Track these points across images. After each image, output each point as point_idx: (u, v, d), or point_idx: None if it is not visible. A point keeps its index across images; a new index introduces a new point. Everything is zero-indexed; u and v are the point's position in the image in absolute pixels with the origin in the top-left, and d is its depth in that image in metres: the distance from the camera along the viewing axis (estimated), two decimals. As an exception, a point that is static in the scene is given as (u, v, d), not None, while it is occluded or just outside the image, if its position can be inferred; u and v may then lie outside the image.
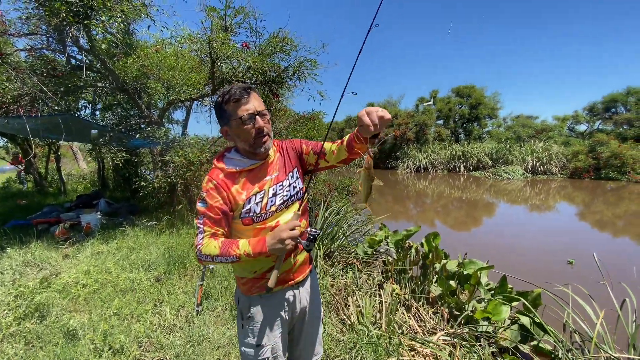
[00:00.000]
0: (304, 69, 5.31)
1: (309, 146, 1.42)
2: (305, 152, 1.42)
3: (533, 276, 3.39)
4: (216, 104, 1.27)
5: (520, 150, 20.05)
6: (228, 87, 1.23)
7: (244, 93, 1.20)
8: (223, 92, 1.23)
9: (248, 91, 1.22)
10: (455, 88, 26.91)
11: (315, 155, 1.39)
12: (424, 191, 15.21)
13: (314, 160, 1.40)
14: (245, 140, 1.24)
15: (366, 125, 1.07)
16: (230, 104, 1.21)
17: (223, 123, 1.27)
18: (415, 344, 2.56)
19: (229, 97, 1.21)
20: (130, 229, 5.28)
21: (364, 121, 1.07)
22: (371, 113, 1.08)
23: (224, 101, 1.22)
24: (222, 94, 1.23)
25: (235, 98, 1.20)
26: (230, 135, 1.28)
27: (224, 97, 1.22)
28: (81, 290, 3.24)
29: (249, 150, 1.27)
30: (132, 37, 5.81)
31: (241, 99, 1.20)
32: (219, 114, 1.27)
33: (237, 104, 1.20)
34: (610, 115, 24.16)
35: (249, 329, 1.33)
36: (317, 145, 1.41)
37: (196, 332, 2.64)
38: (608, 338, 2.24)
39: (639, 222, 8.43)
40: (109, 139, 5.21)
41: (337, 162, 1.35)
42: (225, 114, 1.23)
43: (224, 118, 1.25)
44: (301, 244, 1.28)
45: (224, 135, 1.31)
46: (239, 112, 1.20)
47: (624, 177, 15.18)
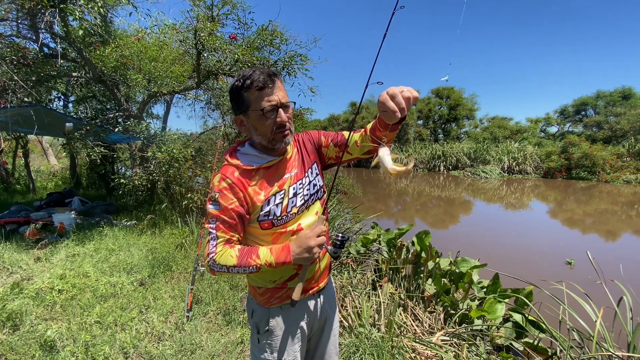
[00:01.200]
0: (294, 63, 5.16)
1: (329, 138, 1.28)
2: (324, 145, 1.28)
3: (520, 273, 3.44)
4: (234, 89, 1.08)
5: (496, 151, 20.75)
6: (249, 70, 1.06)
7: (268, 81, 1.03)
8: (244, 75, 1.05)
9: (273, 79, 1.06)
10: (435, 89, 27.60)
11: (336, 147, 1.26)
12: (405, 190, 15.41)
13: (335, 154, 1.27)
14: (264, 134, 1.09)
15: (391, 111, 0.91)
16: (252, 91, 1.03)
17: (239, 111, 1.10)
18: (417, 346, 2.51)
19: (250, 84, 1.03)
20: (109, 229, 4.97)
21: (388, 106, 0.91)
22: (395, 95, 0.91)
23: (243, 87, 1.04)
24: (243, 78, 1.05)
25: (259, 86, 1.02)
26: (246, 126, 1.12)
27: (244, 82, 1.04)
28: (57, 296, 2.98)
29: (266, 145, 1.11)
30: (111, 25, 5.45)
31: (265, 87, 1.03)
32: (235, 101, 1.10)
33: (260, 92, 1.03)
34: (580, 118, 25.48)
35: (267, 343, 1.19)
36: (337, 136, 1.27)
37: (188, 340, 2.48)
38: (607, 336, 2.27)
39: (609, 220, 8.87)
40: (85, 132, 4.86)
41: (362, 153, 1.22)
42: (244, 102, 1.06)
43: (241, 106, 1.08)
44: (328, 250, 1.16)
45: (237, 125, 1.15)
46: (261, 103, 1.04)
47: (594, 177, 16.01)
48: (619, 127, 19.93)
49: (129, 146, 7.35)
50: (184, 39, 5.22)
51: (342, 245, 1.15)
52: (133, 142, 6.72)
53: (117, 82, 5.84)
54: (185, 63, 5.71)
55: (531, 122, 27.34)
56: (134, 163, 7.27)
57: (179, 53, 5.78)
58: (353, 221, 5.65)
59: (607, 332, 2.33)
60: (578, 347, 2.37)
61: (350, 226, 5.08)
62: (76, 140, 4.71)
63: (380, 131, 1.09)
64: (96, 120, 5.66)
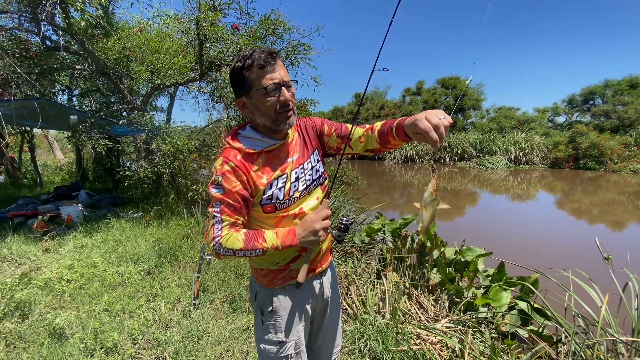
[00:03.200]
0: (296, 53, 5.11)
1: (332, 127, 1.27)
2: (326, 134, 1.27)
3: (526, 262, 3.42)
4: (234, 70, 1.06)
5: (503, 141, 20.51)
6: (248, 50, 1.04)
7: (269, 59, 1.02)
8: (244, 55, 1.03)
9: (274, 57, 1.04)
10: (441, 79, 27.24)
11: (338, 138, 1.25)
12: (410, 182, 15.35)
13: (337, 145, 1.26)
14: (267, 114, 1.06)
15: (432, 142, 0.89)
16: (253, 70, 1.01)
17: (241, 92, 1.08)
18: (421, 332, 2.52)
19: (251, 63, 1.01)
20: (115, 221, 5.03)
21: (430, 136, 0.89)
22: (439, 127, 0.88)
23: (244, 67, 1.02)
24: (243, 58, 1.02)
25: (260, 64, 1.00)
26: (249, 107, 1.10)
27: (244, 62, 1.02)
28: (66, 286, 3.04)
29: (270, 126, 1.09)
30: (113, 17, 5.43)
31: (266, 65, 1.01)
32: (236, 82, 1.07)
33: (261, 71, 1.01)
34: (588, 108, 25.04)
35: (271, 324, 1.20)
36: (340, 128, 1.26)
37: (195, 327, 2.51)
38: (612, 322, 2.25)
39: (616, 210, 8.78)
40: (90, 125, 4.88)
41: (364, 151, 1.22)
42: (245, 82, 1.04)
43: (243, 87, 1.06)
44: (332, 234, 1.16)
45: (239, 108, 1.13)
46: (263, 81, 1.02)
47: (602, 166, 15.81)
48: (626, 117, 19.55)
49: (134, 139, 7.38)
50: (186, 29, 5.18)
51: (346, 229, 1.16)
52: (137, 134, 6.75)
53: (120, 75, 5.83)
54: (188, 54, 5.68)
55: (539, 112, 26.94)
56: (139, 156, 7.31)
57: (182, 44, 5.76)
58: (357, 212, 5.65)
59: (612, 318, 2.31)
60: (583, 333, 2.36)
61: (355, 217, 5.08)
62: (81, 132, 4.73)
63: (395, 140, 1.09)
64: (100, 113, 5.68)
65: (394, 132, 1.08)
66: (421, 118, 0.92)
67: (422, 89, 27.26)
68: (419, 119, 0.93)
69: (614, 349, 2.22)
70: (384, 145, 1.16)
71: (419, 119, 0.93)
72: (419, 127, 0.92)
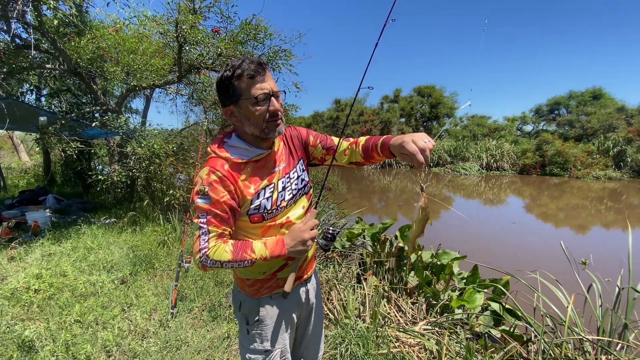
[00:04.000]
0: (278, 59, 5.13)
1: (317, 139, 1.30)
2: (312, 145, 1.30)
3: (498, 264, 3.58)
4: (223, 79, 1.05)
5: (475, 148, 21.33)
6: (237, 60, 1.04)
7: (259, 69, 1.03)
8: (233, 65, 1.03)
9: (264, 67, 1.05)
10: (417, 88, 28.03)
11: (323, 150, 1.29)
12: (388, 187, 15.64)
13: (321, 155, 1.30)
14: (256, 123, 1.07)
15: (418, 163, 0.98)
16: (243, 80, 1.02)
17: (229, 102, 1.07)
18: (400, 335, 2.58)
19: (241, 73, 1.01)
20: (86, 227, 4.81)
21: (417, 159, 0.98)
22: (425, 150, 0.98)
23: (234, 76, 1.02)
24: (232, 68, 1.03)
25: (250, 74, 1.01)
26: (237, 116, 1.09)
27: (234, 72, 1.02)
28: (34, 296, 2.88)
29: (259, 135, 1.10)
30: (87, 15, 5.24)
31: (256, 75, 1.02)
32: (225, 91, 1.07)
33: (251, 80, 1.02)
34: (553, 117, 26.52)
35: (257, 333, 1.21)
36: (326, 140, 1.30)
37: (173, 337, 2.45)
38: (578, 321, 2.40)
39: (580, 214, 9.34)
40: (60, 127, 4.66)
41: (348, 163, 1.28)
42: (235, 91, 1.04)
43: (232, 96, 1.05)
44: (319, 244, 1.19)
45: (227, 116, 1.13)
46: (253, 91, 1.03)
47: (567, 173, 16.77)
48: (589, 126, 20.89)
49: (107, 142, 7.10)
50: (164, 31, 5.08)
51: (333, 238, 1.20)
52: (111, 137, 6.51)
53: (93, 75, 5.62)
54: (166, 56, 5.57)
55: (508, 121, 28.20)
56: (112, 159, 7.04)
57: (159, 46, 5.63)
58: (338, 217, 5.71)
59: (578, 317, 2.46)
60: (551, 332, 2.50)
61: (336, 221, 5.13)
62: (50, 134, 4.51)
63: (380, 156, 1.16)
64: (71, 114, 5.44)
65: (378, 149, 1.15)
66: (408, 140, 1.00)
67: (399, 96, 27.93)
68: (406, 141, 1.01)
69: (581, 347, 2.36)
70: (368, 160, 1.23)
71: (406, 141, 1.01)
72: (406, 148, 1.00)
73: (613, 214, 9.13)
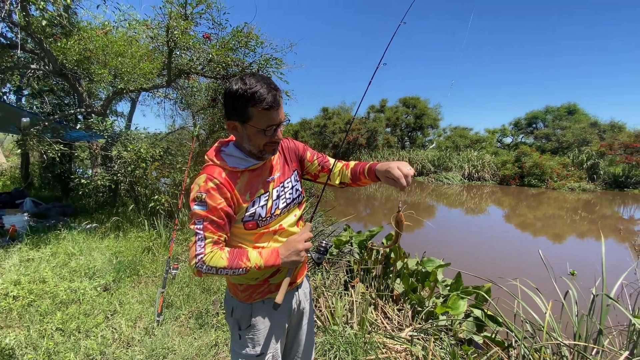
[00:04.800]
0: (268, 67, 5.18)
1: (314, 155, 1.37)
2: (308, 160, 1.36)
3: (480, 271, 3.69)
4: (237, 96, 1.03)
5: (458, 158, 21.89)
6: (255, 81, 1.02)
7: (274, 103, 1.04)
8: (250, 87, 1.01)
9: (279, 101, 1.06)
10: (403, 98, 28.67)
11: (319, 166, 1.35)
12: (374, 195, 15.82)
13: (316, 172, 1.37)
14: (256, 145, 1.11)
15: (401, 187, 1.13)
16: (258, 108, 1.02)
17: (235, 118, 1.07)
18: (387, 341, 2.63)
19: (259, 101, 1.01)
20: (67, 232, 4.67)
21: (401, 183, 1.12)
22: (408, 175, 1.12)
23: (249, 100, 1.01)
24: (249, 91, 1.01)
25: (266, 107, 1.02)
26: (239, 133, 1.11)
27: (251, 96, 1.01)
28: (12, 303, 2.77)
29: (255, 153, 1.14)
30: (74, 17, 5.15)
31: (271, 109, 1.04)
32: (234, 108, 1.06)
33: (266, 112, 1.03)
34: (531, 130, 27.61)
35: (249, 338, 1.22)
36: (323, 159, 1.37)
37: (159, 345, 2.41)
38: (556, 327, 2.51)
39: (556, 224, 9.71)
40: (43, 128, 4.53)
41: (338, 183, 1.39)
42: (246, 113, 1.04)
43: (241, 115, 1.05)
44: (313, 257, 1.24)
45: (229, 129, 1.14)
46: (264, 122, 1.05)
47: (544, 184, 17.43)
48: (564, 140, 21.87)
49: (89, 145, 6.93)
50: (154, 35, 5.06)
51: (325, 251, 1.25)
52: (95, 140, 6.36)
53: (78, 77, 5.52)
54: (154, 60, 5.53)
55: (489, 133, 29.14)
56: (95, 162, 6.87)
57: (148, 49, 5.59)
58: (325, 224, 5.74)
59: (556, 323, 2.57)
60: (530, 337, 2.60)
61: (324, 229, 5.16)
62: (33, 136, 4.38)
63: (366, 179, 1.29)
64: (54, 116, 5.30)
65: (365, 173, 1.28)
66: (394, 167, 1.14)
67: (385, 106, 28.47)
68: (392, 167, 1.15)
69: (559, 352, 2.47)
70: (355, 182, 1.35)
71: (392, 167, 1.15)
72: (392, 173, 1.14)
73: (587, 224, 9.54)
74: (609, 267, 2.74)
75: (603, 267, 2.72)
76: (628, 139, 18.13)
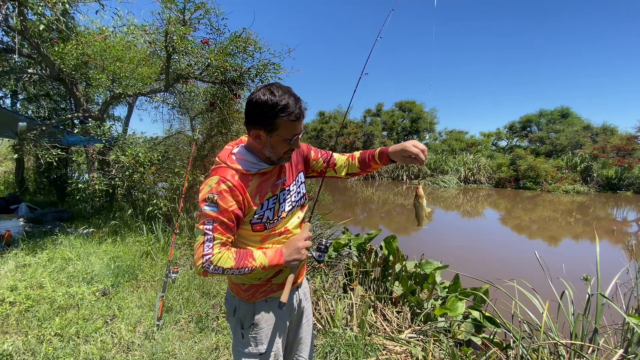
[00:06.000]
0: (267, 72, 5.22)
1: (318, 153, 1.42)
2: (313, 159, 1.41)
3: (478, 273, 3.73)
4: (267, 106, 1.04)
5: (454, 162, 22.06)
6: (282, 92, 1.05)
7: (301, 116, 1.09)
8: (279, 99, 1.04)
9: (304, 113, 1.12)
10: (398, 103, 28.92)
11: (324, 163, 1.40)
12: (371, 198, 15.87)
13: (322, 168, 1.41)
14: (277, 153, 1.15)
15: (420, 162, 1.22)
16: (285, 119, 1.06)
17: (261, 127, 1.09)
18: (387, 343, 2.64)
19: (289, 112, 1.05)
20: (63, 237, 4.64)
21: (420, 158, 1.21)
22: (425, 151, 1.22)
23: (279, 111, 1.04)
24: (279, 102, 1.03)
25: (295, 118, 1.07)
26: (262, 141, 1.12)
27: (279, 107, 1.04)
28: (9, 309, 2.75)
29: (274, 160, 1.17)
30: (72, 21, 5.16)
31: (297, 121, 1.08)
32: (261, 117, 1.07)
33: (292, 123, 1.08)
34: (526, 134, 27.90)
35: (252, 337, 1.24)
36: (327, 154, 1.42)
37: (159, 349, 2.40)
38: (553, 326, 2.55)
39: (551, 226, 9.81)
40: (40, 133, 4.51)
41: (346, 174, 1.44)
42: (273, 124, 1.07)
43: (267, 125, 1.07)
44: (313, 255, 1.27)
45: (251, 136, 1.14)
46: (289, 132, 1.09)
47: (539, 187, 17.61)
48: (558, 143, 22.15)
49: (86, 149, 6.91)
50: (153, 40, 5.07)
51: (326, 249, 1.29)
52: (92, 144, 6.34)
53: (76, 81, 5.51)
54: (153, 65, 5.54)
55: (484, 136, 29.43)
56: (91, 167, 6.84)
57: (146, 54, 5.61)
58: (323, 227, 5.76)
59: (553, 323, 2.61)
60: (528, 338, 2.63)
61: (322, 232, 5.18)
62: (30, 141, 4.36)
63: (377, 164, 1.35)
64: (51, 120, 5.28)
65: (376, 158, 1.33)
66: (409, 145, 1.23)
67: (381, 110, 28.69)
68: (407, 146, 1.23)
69: (556, 351, 2.50)
70: (364, 169, 1.40)
71: (407, 146, 1.23)
72: (410, 151, 1.22)
73: (581, 226, 9.65)
74: (603, 267, 2.78)
75: (598, 268, 2.77)
76: (620, 141, 18.41)
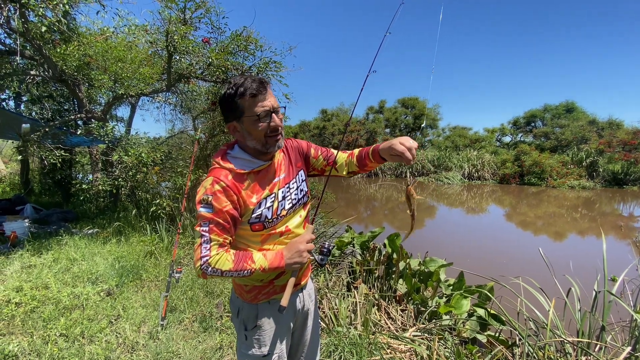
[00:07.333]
0: (268, 70, 5.20)
1: (318, 150, 1.39)
2: (313, 156, 1.38)
3: (482, 271, 3.70)
4: (227, 96, 1.12)
5: (457, 158, 21.92)
6: (240, 78, 1.11)
7: (261, 88, 1.09)
8: (236, 84, 1.10)
9: (265, 85, 1.12)
10: (401, 99, 28.75)
11: (324, 161, 1.38)
12: (374, 196, 15.83)
13: (322, 166, 1.39)
14: (258, 138, 1.13)
15: (407, 160, 1.13)
16: (246, 98, 1.08)
17: (232, 118, 1.14)
18: (392, 342, 2.63)
19: (244, 91, 1.08)
20: (68, 238, 4.67)
21: (406, 156, 1.12)
22: (412, 149, 1.13)
23: (237, 94, 1.09)
24: (235, 86, 1.09)
25: (252, 93, 1.08)
26: (240, 131, 1.15)
27: (237, 90, 1.08)
28: (15, 310, 2.77)
29: (260, 149, 1.16)
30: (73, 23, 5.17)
31: (258, 94, 1.09)
32: (228, 108, 1.13)
33: (253, 99, 1.09)
34: (530, 129, 27.66)
35: (255, 338, 1.23)
36: (327, 152, 1.40)
37: (164, 349, 2.41)
38: (559, 324, 2.52)
39: (557, 222, 9.72)
40: (43, 134, 4.54)
41: (346, 173, 1.41)
42: (238, 108, 1.11)
43: (235, 113, 1.12)
44: (316, 259, 1.25)
45: (231, 132, 1.18)
46: (255, 109, 1.09)
47: (544, 182, 17.46)
48: (563, 138, 21.93)
49: (90, 150, 6.94)
50: (154, 40, 5.07)
51: (328, 253, 1.26)
52: (95, 145, 6.37)
53: (78, 82, 5.53)
54: (154, 65, 5.55)
55: (488, 132, 29.17)
56: (95, 168, 6.88)
57: (147, 54, 5.61)
58: (326, 225, 5.75)
59: (559, 321, 2.59)
60: (534, 335, 2.60)
61: (325, 230, 5.17)
62: (33, 142, 4.39)
63: (372, 162, 1.30)
64: (55, 121, 5.31)
65: (370, 156, 1.28)
66: (396, 143, 1.15)
67: (384, 107, 28.55)
68: (394, 143, 1.15)
69: (562, 349, 2.47)
70: (362, 168, 1.36)
71: (394, 143, 1.15)
72: (395, 149, 1.14)
73: (587, 222, 9.55)
74: (610, 264, 2.75)
75: (604, 264, 2.73)
76: (626, 136, 18.19)
